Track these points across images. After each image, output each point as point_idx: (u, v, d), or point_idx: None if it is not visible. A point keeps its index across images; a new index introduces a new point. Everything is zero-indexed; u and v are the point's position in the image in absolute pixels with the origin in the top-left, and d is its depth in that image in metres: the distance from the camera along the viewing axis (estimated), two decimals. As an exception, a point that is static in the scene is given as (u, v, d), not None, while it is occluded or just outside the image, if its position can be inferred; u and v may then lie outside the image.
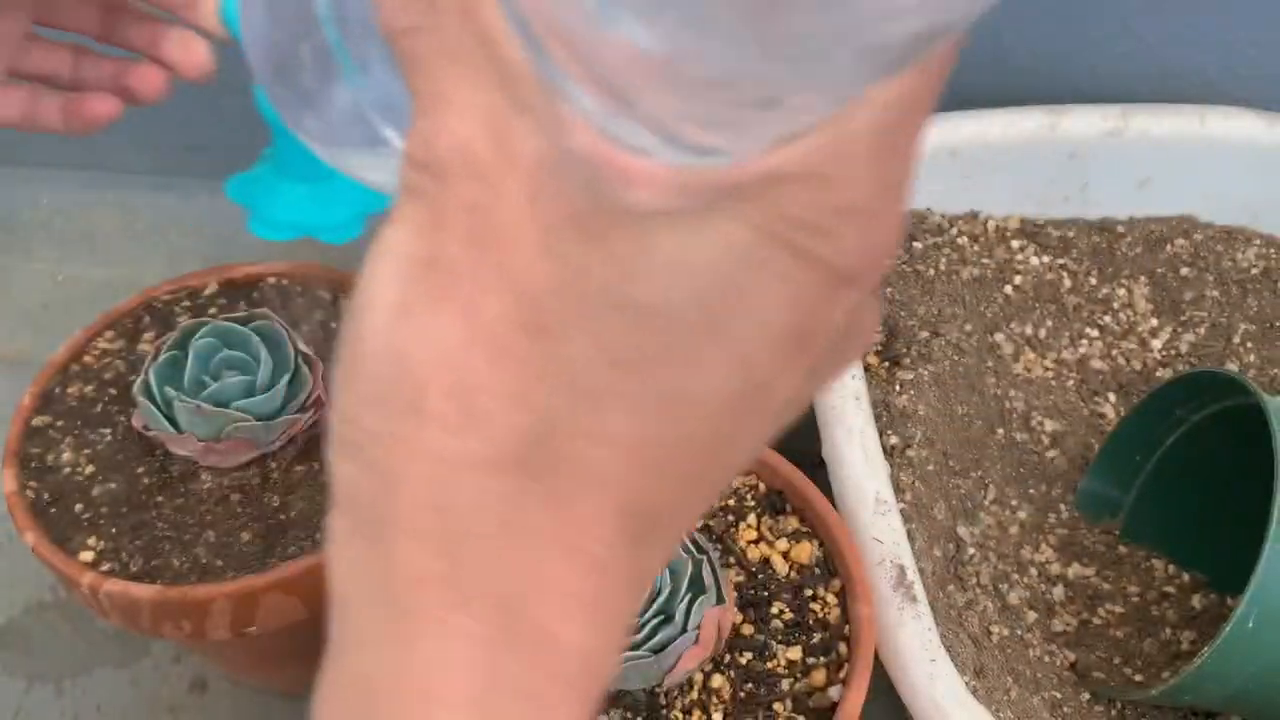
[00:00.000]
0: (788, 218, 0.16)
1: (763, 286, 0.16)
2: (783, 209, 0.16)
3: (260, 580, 0.52)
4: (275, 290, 0.67)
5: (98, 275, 0.93)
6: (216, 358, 0.58)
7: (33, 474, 0.57)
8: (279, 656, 0.62)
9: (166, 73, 0.44)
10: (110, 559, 0.54)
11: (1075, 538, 0.66)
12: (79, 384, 0.62)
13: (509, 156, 0.16)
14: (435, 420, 0.16)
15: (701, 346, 0.16)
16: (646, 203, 0.16)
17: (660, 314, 0.16)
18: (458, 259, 0.16)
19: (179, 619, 0.53)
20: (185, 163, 0.95)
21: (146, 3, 0.41)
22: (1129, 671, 0.59)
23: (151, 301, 0.66)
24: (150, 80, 0.44)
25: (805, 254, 0.16)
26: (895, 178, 0.16)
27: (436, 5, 0.16)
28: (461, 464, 0.17)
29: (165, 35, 0.43)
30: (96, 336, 0.64)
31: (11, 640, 0.71)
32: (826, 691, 0.49)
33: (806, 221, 0.16)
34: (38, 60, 0.45)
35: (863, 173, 0.16)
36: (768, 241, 0.16)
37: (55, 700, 0.69)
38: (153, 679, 0.69)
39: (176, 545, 0.55)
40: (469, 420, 0.16)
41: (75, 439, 0.59)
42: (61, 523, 0.55)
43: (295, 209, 0.38)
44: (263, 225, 0.38)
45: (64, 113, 0.45)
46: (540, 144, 0.16)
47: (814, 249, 0.16)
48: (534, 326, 0.16)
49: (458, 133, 0.16)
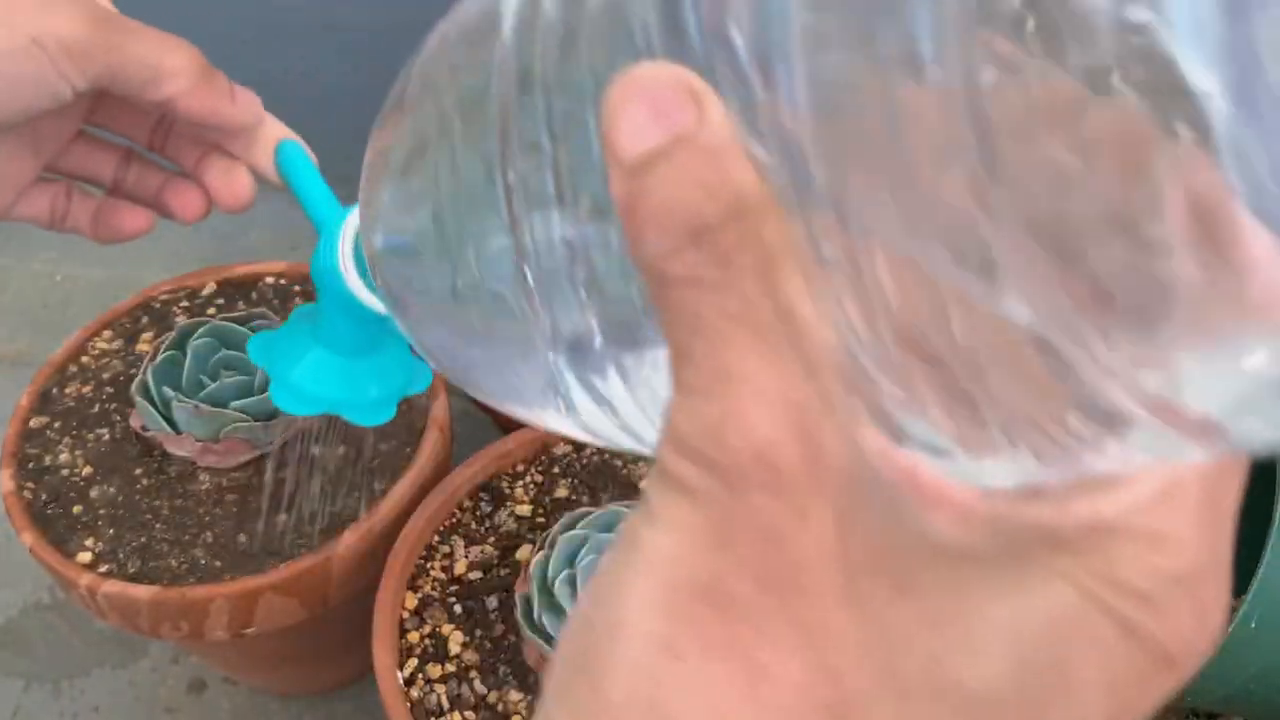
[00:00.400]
0: (1118, 582, 0.13)
1: (1086, 667, 0.13)
2: (1113, 571, 0.13)
3: (258, 581, 0.52)
4: (273, 290, 0.67)
5: (96, 275, 0.93)
6: (215, 358, 0.58)
7: (30, 475, 0.57)
8: (277, 657, 0.62)
9: (207, 198, 0.43)
10: (108, 560, 0.54)
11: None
12: (77, 384, 0.62)
13: (818, 472, 0.13)
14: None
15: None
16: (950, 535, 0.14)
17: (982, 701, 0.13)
18: (746, 601, 0.13)
19: (177, 620, 0.53)
20: (184, 162, 0.95)
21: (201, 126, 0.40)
22: (1130, 672, 0.59)
23: (150, 301, 0.66)
24: (190, 202, 0.43)
25: (1135, 630, 0.14)
26: (1224, 543, 0.14)
27: (729, 258, 0.13)
28: None
29: (212, 160, 0.42)
30: (94, 336, 0.64)
31: (9, 641, 0.71)
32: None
33: (1138, 589, 0.14)
34: (81, 159, 0.43)
35: (1193, 533, 0.14)
36: (1096, 611, 0.13)
37: (53, 700, 0.68)
38: (151, 680, 0.69)
39: (174, 546, 0.55)
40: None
41: (73, 439, 0.59)
42: (59, 523, 0.55)
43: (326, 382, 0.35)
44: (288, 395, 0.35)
45: (94, 219, 0.44)
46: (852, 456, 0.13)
47: (1144, 624, 0.14)
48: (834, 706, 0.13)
49: (760, 431, 0.13)
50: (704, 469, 0.13)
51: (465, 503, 0.57)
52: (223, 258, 0.70)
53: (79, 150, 0.43)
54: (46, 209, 0.43)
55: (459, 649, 0.51)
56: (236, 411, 0.55)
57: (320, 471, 0.58)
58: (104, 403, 0.61)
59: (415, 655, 0.51)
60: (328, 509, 0.56)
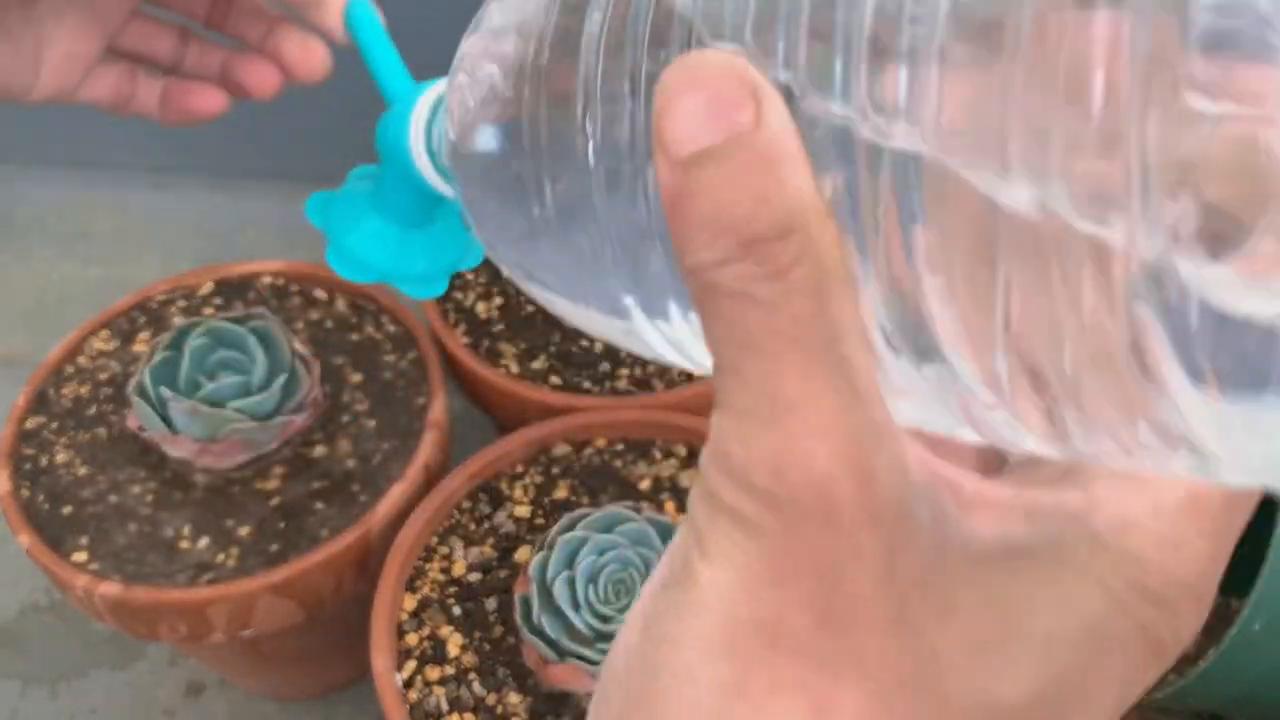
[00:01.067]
0: (1145, 589, 0.14)
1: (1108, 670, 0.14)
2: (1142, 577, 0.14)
3: (256, 582, 0.52)
4: (271, 289, 0.67)
5: (92, 274, 0.92)
6: (212, 358, 0.57)
7: (27, 475, 0.57)
8: (275, 659, 0.62)
9: (279, 71, 0.41)
10: (105, 561, 0.53)
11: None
12: (74, 384, 0.61)
13: (871, 506, 0.13)
14: None
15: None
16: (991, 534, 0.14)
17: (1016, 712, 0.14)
18: (806, 637, 0.13)
19: (174, 621, 0.53)
20: (181, 162, 0.95)
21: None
22: (1132, 673, 0.59)
23: (146, 301, 0.66)
24: (266, 77, 0.41)
25: (1149, 631, 0.14)
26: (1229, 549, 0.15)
27: (782, 274, 0.12)
28: None
29: (283, 31, 0.40)
30: (91, 336, 0.64)
31: (6, 642, 0.71)
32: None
33: (1159, 595, 0.14)
34: (139, 38, 0.41)
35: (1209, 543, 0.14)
36: (1122, 616, 0.14)
37: (50, 703, 0.68)
38: (148, 682, 0.69)
39: (172, 547, 0.54)
40: None
41: (70, 440, 0.59)
42: (56, 525, 0.55)
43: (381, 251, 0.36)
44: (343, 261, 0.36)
45: (163, 100, 0.42)
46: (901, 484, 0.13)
47: (1156, 627, 0.14)
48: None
49: (819, 466, 0.13)
50: (761, 503, 0.13)
51: (464, 504, 0.57)
52: (219, 257, 0.69)
53: (136, 29, 0.42)
54: (111, 90, 0.42)
55: (458, 651, 0.51)
56: (234, 411, 0.55)
57: (319, 472, 0.58)
58: (101, 403, 0.60)
59: (414, 657, 0.50)
60: (326, 509, 0.56)
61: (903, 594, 0.13)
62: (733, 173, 0.12)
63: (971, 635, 0.13)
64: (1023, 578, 0.14)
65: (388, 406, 0.61)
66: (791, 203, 0.12)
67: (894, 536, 0.13)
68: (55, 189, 0.97)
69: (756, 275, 0.12)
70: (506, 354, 0.64)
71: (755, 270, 0.12)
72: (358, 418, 0.60)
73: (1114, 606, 0.14)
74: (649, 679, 0.14)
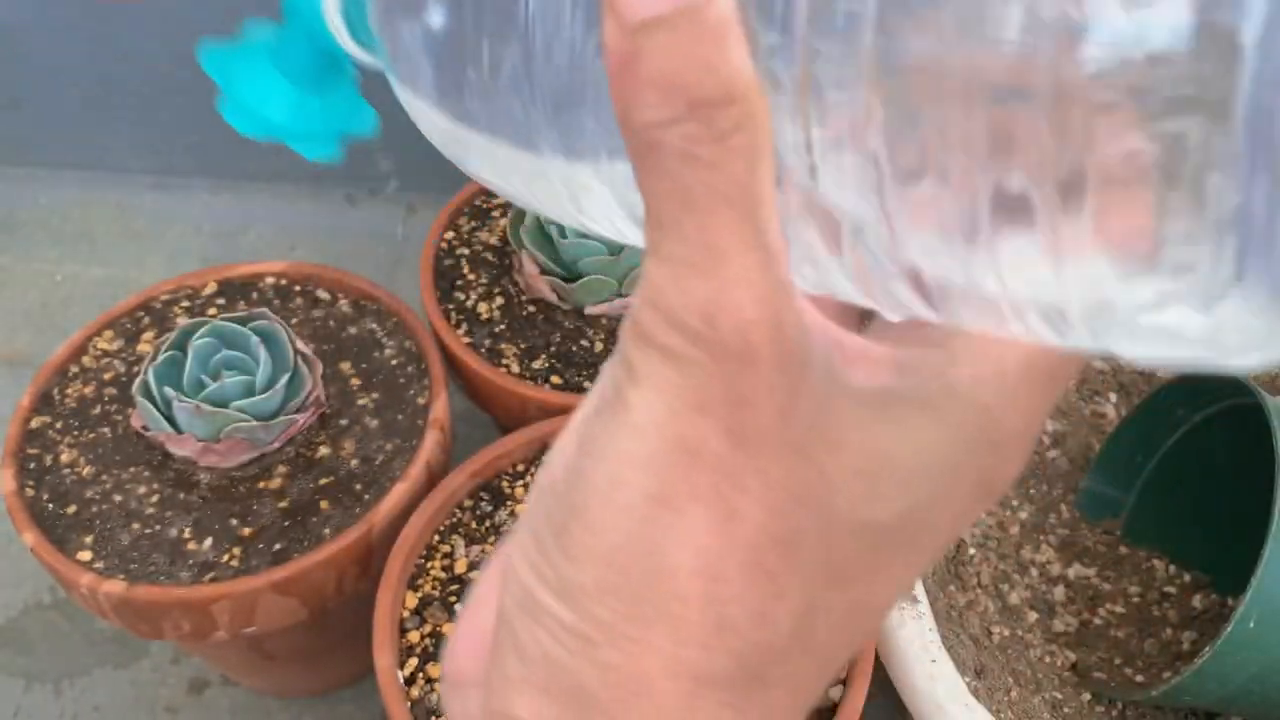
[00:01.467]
0: (985, 433, 0.16)
1: (952, 501, 0.17)
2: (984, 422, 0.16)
3: (259, 581, 0.52)
4: (274, 290, 0.67)
5: (96, 275, 0.93)
6: (215, 358, 0.58)
7: (32, 475, 0.57)
8: (277, 657, 0.62)
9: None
10: (109, 559, 0.54)
11: (1076, 538, 0.66)
12: (78, 384, 0.62)
13: (780, 350, 0.15)
14: (688, 631, 0.15)
15: (896, 560, 0.17)
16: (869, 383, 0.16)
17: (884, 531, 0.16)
18: (723, 457, 0.15)
19: (178, 619, 0.53)
20: (184, 163, 0.95)
21: None
22: (1130, 672, 0.59)
23: (150, 301, 0.66)
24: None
25: (984, 472, 0.17)
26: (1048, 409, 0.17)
27: (725, 137, 0.14)
28: (707, 681, 0.16)
29: None
30: (95, 336, 0.64)
31: (10, 640, 0.71)
32: (827, 691, 0.49)
33: (995, 441, 0.17)
34: None
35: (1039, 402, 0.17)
36: (967, 456, 0.16)
37: (54, 700, 0.69)
38: (151, 680, 0.69)
39: (175, 546, 0.55)
40: (719, 636, 0.16)
41: (74, 440, 0.59)
42: (60, 523, 0.55)
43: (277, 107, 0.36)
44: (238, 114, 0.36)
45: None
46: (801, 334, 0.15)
47: (991, 469, 0.17)
48: (784, 540, 0.16)
49: (746, 313, 0.14)
50: (692, 342, 0.15)
51: (465, 502, 0.57)
52: (223, 258, 0.70)
53: None
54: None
55: (459, 649, 0.51)
56: (237, 411, 0.55)
57: (322, 471, 0.58)
58: (105, 403, 0.61)
59: (416, 655, 0.51)
60: (329, 508, 0.56)
61: (802, 426, 0.15)
62: (682, 41, 0.13)
63: (854, 465, 0.16)
64: (894, 421, 0.16)
65: (390, 406, 0.61)
66: (735, 74, 0.14)
67: (796, 379, 0.15)
68: (59, 190, 0.97)
69: (701, 136, 0.14)
70: (507, 354, 0.64)
71: (701, 131, 0.14)
72: (360, 417, 0.60)
73: (963, 449, 0.16)
74: (584, 489, 0.16)
